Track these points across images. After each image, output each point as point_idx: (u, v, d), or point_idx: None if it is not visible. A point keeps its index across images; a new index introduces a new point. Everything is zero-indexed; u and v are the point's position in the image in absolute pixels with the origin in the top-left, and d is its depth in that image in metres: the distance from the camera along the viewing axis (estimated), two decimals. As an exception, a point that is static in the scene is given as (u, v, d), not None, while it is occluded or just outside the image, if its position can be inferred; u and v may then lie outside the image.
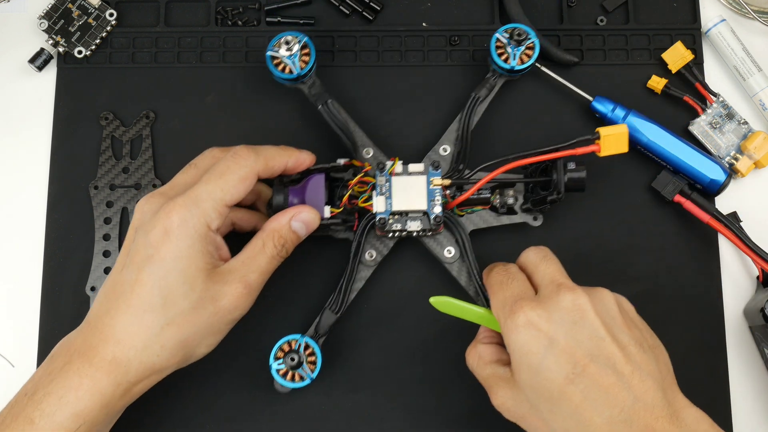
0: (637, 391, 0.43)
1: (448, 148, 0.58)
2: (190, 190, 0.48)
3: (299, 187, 0.54)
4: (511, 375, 0.47)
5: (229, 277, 0.49)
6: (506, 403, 0.48)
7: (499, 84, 0.59)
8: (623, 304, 0.48)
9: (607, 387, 0.43)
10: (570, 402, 0.44)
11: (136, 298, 0.47)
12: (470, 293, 0.56)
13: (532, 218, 0.57)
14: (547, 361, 0.44)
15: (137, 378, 0.48)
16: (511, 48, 0.57)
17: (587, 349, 0.44)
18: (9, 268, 0.59)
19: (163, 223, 0.47)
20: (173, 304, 0.47)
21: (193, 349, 0.49)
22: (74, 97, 0.61)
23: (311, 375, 0.53)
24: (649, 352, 0.46)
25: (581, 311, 0.45)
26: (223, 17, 0.63)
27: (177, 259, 0.47)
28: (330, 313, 0.55)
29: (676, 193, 0.58)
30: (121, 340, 0.47)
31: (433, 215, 0.54)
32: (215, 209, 0.48)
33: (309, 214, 0.52)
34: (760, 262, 0.57)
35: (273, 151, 0.51)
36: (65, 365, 0.47)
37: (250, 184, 0.50)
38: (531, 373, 0.45)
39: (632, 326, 0.46)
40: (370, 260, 0.57)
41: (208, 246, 0.48)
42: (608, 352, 0.44)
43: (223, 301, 0.48)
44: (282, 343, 0.54)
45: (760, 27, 0.63)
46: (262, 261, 0.50)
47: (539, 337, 0.45)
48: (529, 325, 0.45)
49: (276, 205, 0.53)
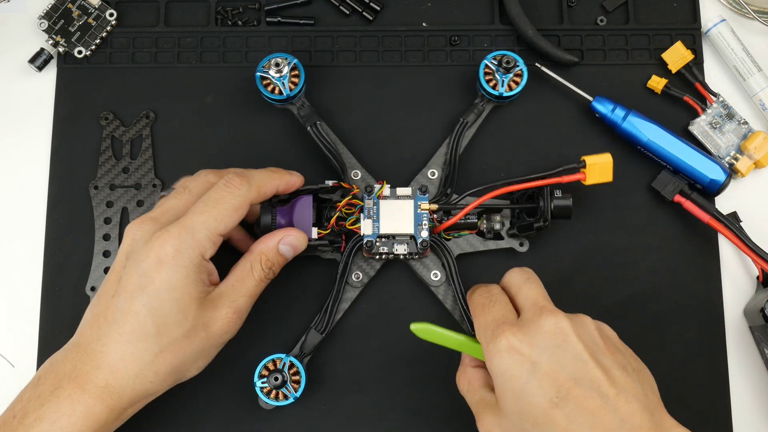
0: (624, 413, 0.43)
1: (436, 172, 0.58)
2: (184, 218, 0.49)
3: (287, 207, 0.54)
4: (495, 403, 0.47)
5: (219, 302, 0.49)
6: (492, 430, 0.47)
7: (487, 109, 0.60)
8: (605, 330, 0.48)
9: (593, 410, 0.43)
10: (556, 426, 0.43)
11: (130, 326, 0.47)
12: (455, 317, 0.57)
13: (518, 243, 0.58)
14: (530, 385, 0.44)
15: (129, 403, 0.48)
16: (500, 75, 0.58)
17: (571, 372, 0.44)
18: (9, 268, 0.59)
19: (157, 253, 0.47)
20: (167, 332, 0.47)
21: (183, 372, 0.50)
22: (74, 97, 0.61)
23: (295, 394, 0.54)
24: (633, 375, 0.45)
25: (563, 335, 0.45)
26: (223, 17, 0.63)
27: (171, 289, 0.47)
28: (315, 333, 0.56)
29: (676, 193, 0.58)
30: (114, 368, 0.47)
31: (419, 239, 0.55)
32: (209, 239, 0.48)
33: (296, 237, 0.52)
34: (760, 262, 0.57)
35: (264, 177, 0.52)
36: (56, 390, 0.47)
37: (243, 213, 0.50)
38: (515, 399, 0.44)
39: (615, 351, 0.46)
40: (356, 281, 0.57)
41: (202, 275, 0.49)
42: (592, 375, 0.44)
43: (214, 327, 0.49)
44: (267, 362, 0.55)
45: (760, 27, 0.63)
46: (251, 284, 0.51)
47: (522, 362, 0.44)
48: (511, 350, 0.45)
49: (264, 225, 0.54)
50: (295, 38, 0.62)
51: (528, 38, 0.61)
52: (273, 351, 0.56)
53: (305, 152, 0.60)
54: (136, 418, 0.56)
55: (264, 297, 0.54)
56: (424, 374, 0.57)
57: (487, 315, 0.48)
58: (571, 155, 0.56)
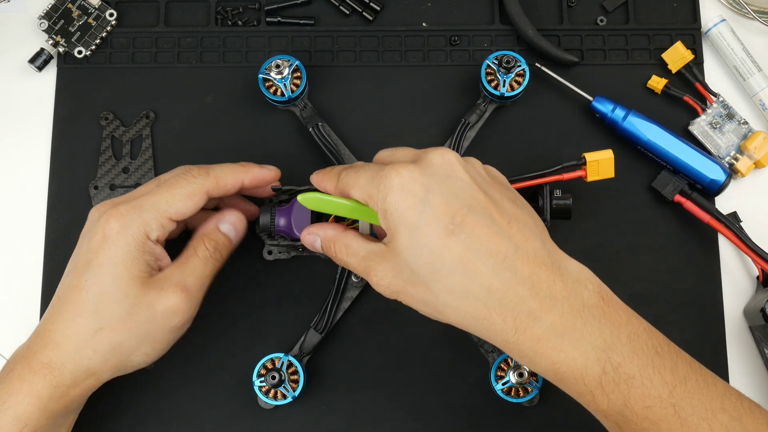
0: (517, 240, 0.43)
1: None
2: (135, 199, 0.49)
3: (286, 207, 0.54)
4: (386, 248, 0.45)
5: (165, 283, 0.49)
6: (386, 277, 0.45)
7: (489, 110, 0.59)
8: (492, 171, 0.48)
9: (488, 236, 0.43)
10: (452, 254, 0.43)
11: (73, 302, 0.48)
12: None
13: None
14: (425, 215, 0.43)
15: (72, 381, 0.48)
16: (501, 75, 0.58)
17: (463, 200, 0.44)
18: (9, 268, 0.59)
19: (103, 229, 0.48)
20: (106, 309, 0.48)
21: (127, 355, 0.49)
22: (74, 97, 0.61)
23: (293, 393, 0.54)
24: (523, 208, 0.46)
25: (452, 165, 0.45)
26: (223, 17, 0.63)
27: (112, 264, 0.48)
28: (314, 332, 0.56)
29: (676, 193, 0.58)
30: (56, 344, 0.48)
31: None
32: (156, 219, 0.49)
33: (234, 216, 0.53)
34: (760, 262, 0.57)
35: (226, 170, 0.52)
36: (10, 372, 0.48)
37: (198, 201, 0.50)
38: (409, 232, 0.43)
39: (503, 188, 0.47)
40: (356, 281, 0.57)
41: (146, 255, 0.49)
42: (483, 203, 0.44)
43: (159, 306, 0.49)
44: (265, 361, 0.55)
45: (760, 27, 0.63)
46: (197, 264, 0.51)
47: (414, 193, 0.43)
48: (402, 186, 0.44)
49: (263, 225, 0.54)
50: (295, 38, 0.62)
51: (528, 38, 0.61)
52: (272, 351, 0.56)
53: (306, 152, 0.60)
54: (136, 418, 0.56)
55: (264, 297, 0.54)
56: (424, 374, 0.57)
57: (367, 170, 0.47)
58: (572, 155, 0.56)
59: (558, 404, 0.56)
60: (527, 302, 0.43)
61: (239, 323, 0.57)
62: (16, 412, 0.47)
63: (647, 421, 0.43)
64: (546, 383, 0.54)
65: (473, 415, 0.57)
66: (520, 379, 0.54)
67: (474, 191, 0.44)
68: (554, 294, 0.43)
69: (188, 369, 0.56)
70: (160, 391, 0.57)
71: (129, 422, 0.57)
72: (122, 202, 0.50)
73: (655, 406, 0.43)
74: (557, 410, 0.56)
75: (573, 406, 0.46)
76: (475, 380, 0.57)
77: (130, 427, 0.57)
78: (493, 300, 0.43)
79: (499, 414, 0.57)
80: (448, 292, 0.44)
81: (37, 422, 0.47)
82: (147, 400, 0.57)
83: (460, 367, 0.57)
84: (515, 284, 0.43)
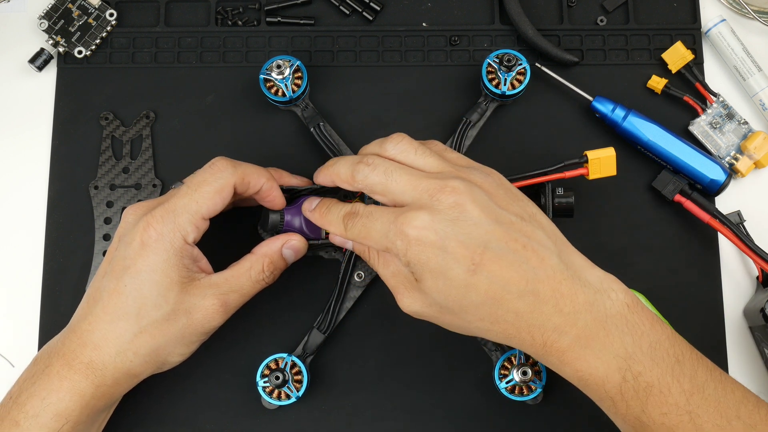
0: (534, 263, 0.45)
1: None
2: (168, 202, 0.50)
3: (295, 206, 0.54)
4: (416, 283, 0.47)
5: (208, 291, 0.50)
6: (414, 305, 0.48)
7: (491, 108, 0.59)
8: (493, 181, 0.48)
9: (508, 267, 0.44)
10: (478, 290, 0.45)
11: (113, 306, 0.48)
12: None
13: None
14: (446, 261, 0.45)
15: (113, 381, 0.49)
16: (502, 73, 0.58)
17: (478, 240, 0.45)
18: (9, 268, 0.59)
19: (141, 236, 0.49)
20: (146, 314, 0.48)
21: (165, 357, 0.50)
22: (74, 97, 0.61)
23: (297, 393, 0.54)
24: (532, 221, 0.47)
25: (459, 207, 0.45)
26: (223, 17, 0.63)
27: (152, 271, 0.48)
28: (318, 332, 0.56)
29: (676, 192, 0.58)
30: (97, 345, 0.48)
31: None
32: (191, 222, 0.49)
33: (300, 242, 0.53)
34: (760, 262, 0.57)
35: (253, 167, 0.52)
36: (46, 368, 0.49)
37: (227, 196, 0.51)
38: (434, 279, 0.45)
39: (508, 202, 0.47)
40: (359, 281, 0.57)
41: (184, 259, 0.49)
42: (498, 236, 0.45)
43: (197, 314, 0.49)
44: (269, 361, 0.55)
45: (760, 27, 0.63)
46: (246, 283, 0.51)
47: (432, 243, 0.45)
48: (419, 239, 0.45)
49: (272, 223, 0.54)
50: (295, 38, 0.62)
51: (528, 38, 0.61)
52: (276, 351, 0.56)
53: (306, 152, 0.60)
54: (138, 417, 0.56)
55: (267, 297, 0.54)
56: (426, 374, 0.57)
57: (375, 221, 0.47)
58: (572, 154, 0.56)
59: (562, 402, 0.56)
60: (552, 319, 0.45)
61: (242, 324, 0.57)
62: (58, 409, 0.47)
63: (663, 427, 0.44)
64: (549, 381, 0.54)
65: (477, 414, 0.57)
66: (524, 377, 0.54)
67: (486, 225, 0.45)
68: (577, 307, 0.45)
69: (192, 369, 0.56)
70: (164, 391, 0.57)
71: (131, 422, 0.56)
72: (156, 206, 0.50)
73: (671, 413, 0.44)
74: (561, 408, 0.56)
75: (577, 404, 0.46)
76: (478, 379, 0.57)
77: (133, 427, 0.57)
78: (521, 321, 0.45)
79: (503, 412, 0.57)
80: (478, 320, 0.46)
81: (78, 418, 0.48)
82: (150, 400, 0.57)
83: (463, 366, 0.57)
84: (540, 305, 0.45)
